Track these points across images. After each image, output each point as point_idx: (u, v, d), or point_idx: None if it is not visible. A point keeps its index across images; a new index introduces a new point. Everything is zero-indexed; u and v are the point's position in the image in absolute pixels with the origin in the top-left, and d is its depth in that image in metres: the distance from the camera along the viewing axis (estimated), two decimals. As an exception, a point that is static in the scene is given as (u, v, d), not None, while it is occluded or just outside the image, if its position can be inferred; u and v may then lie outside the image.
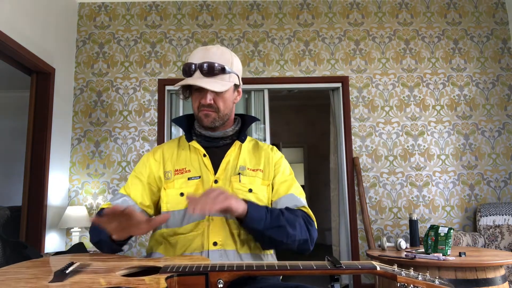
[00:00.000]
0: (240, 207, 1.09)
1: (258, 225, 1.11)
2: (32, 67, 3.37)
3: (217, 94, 1.26)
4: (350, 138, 3.93)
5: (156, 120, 3.93)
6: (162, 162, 1.33)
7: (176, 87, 1.30)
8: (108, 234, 1.11)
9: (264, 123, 4.06)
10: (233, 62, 1.30)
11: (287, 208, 1.25)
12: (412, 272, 0.82)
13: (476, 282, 2.27)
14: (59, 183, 3.67)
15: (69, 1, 3.97)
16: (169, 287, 0.84)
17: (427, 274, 0.80)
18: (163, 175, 1.31)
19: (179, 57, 4.04)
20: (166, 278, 0.84)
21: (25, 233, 3.30)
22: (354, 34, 4.12)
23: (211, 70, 1.23)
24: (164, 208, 1.27)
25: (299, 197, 1.32)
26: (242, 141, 1.36)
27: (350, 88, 4.02)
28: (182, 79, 1.29)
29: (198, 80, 1.23)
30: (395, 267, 0.85)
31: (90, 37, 4.08)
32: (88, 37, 4.08)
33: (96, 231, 1.21)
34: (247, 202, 1.13)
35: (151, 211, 1.33)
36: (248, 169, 1.31)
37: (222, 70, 1.24)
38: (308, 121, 7.65)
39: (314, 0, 4.18)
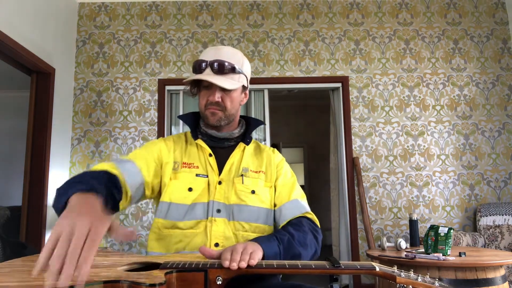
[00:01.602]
0: (261, 254, 1.03)
1: (274, 260, 1.08)
2: (32, 67, 3.37)
3: (225, 92, 1.26)
4: (350, 138, 3.93)
5: (156, 120, 3.93)
6: (173, 151, 1.32)
7: (185, 82, 1.28)
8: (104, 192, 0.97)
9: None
10: (244, 64, 1.31)
11: (291, 223, 1.24)
12: (412, 274, 0.82)
13: (476, 282, 2.27)
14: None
15: (69, 1, 3.97)
16: (168, 282, 0.84)
17: (427, 276, 0.80)
18: (172, 164, 1.29)
19: (179, 57, 4.04)
20: (165, 274, 0.85)
21: (25, 233, 3.30)
22: (354, 34, 4.12)
23: (222, 68, 1.23)
24: (166, 198, 1.24)
25: (302, 202, 1.32)
26: (247, 143, 1.36)
27: (350, 88, 4.02)
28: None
29: (208, 76, 1.23)
30: (395, 268, 0.85)
31: (90, 37, 4.08)
32: (88, 37, 4.08)
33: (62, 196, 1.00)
34: (259, 242, 1.07)
35: (148, 191, 1.26)
36: (250, 171, 1.31)
37: (232, 70, 1.25)
38: (308, 121, 7.65)
39: (314, 0, 4.18)
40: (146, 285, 0.76)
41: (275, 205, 1.32)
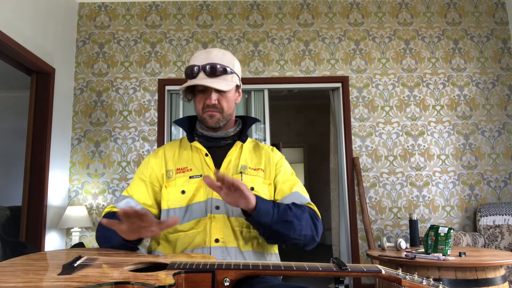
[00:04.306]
0: (252, 199, 1.10)
1: (266, 219, 1.12)
2: (32, 67, 3.36)
3: (221, 94, 1.28)
4: (350, 138, 3.93)
5: (156, 120, 3.93)
6: (164, 161, 1.35)
7: (180, 89, 1.31)
8: (120, 237, 1.10)
9: (264, 123, 4.06)
10: (235, 64, 1.33)
11: (293, 204, 1.26)
12: (416, 277, 0.82)
13: (476, 282, 2.27)
14: (59, 183, 3.67)
15: (69, 1, 3.97)
16: (176, 283, 0.85)
17: (431, 280, 0.80)
18: (165, 173, 1.32)
19: (179, 57, 4.04)
20: (174, 274, 0.85)
21: (25, 233, 3.30)
22: (354, 34, 4.12)
23: (214, 71, 1.25)
24: (164, 205, 1.28)
25: (304, 195, 1.33)
26: (243, 141, 1.37)
27: (350, 88, 4.02)
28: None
29: (202, 80, 1.25)
30: (400, 271, 0.85)
31: (90, 37, 4.07)
32: (88, 37, 4.07)
33: (106, 238, 1.20)
34: (256, 196, 1.13)
35: (154, 210, 1.33)
36: (249, 168, 1.32)
37: (225, 71, 1.27)
38: (308, 121, 7.65)
39: (314, 0, 4.18)
40: (155, 286, 0.76)
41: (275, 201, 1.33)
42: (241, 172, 1.30)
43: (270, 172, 1.34)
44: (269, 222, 1.12)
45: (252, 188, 1.28)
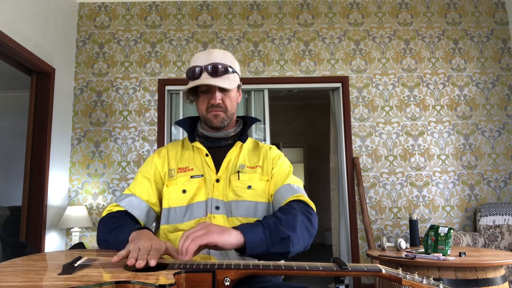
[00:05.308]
0: (232, 240, 1.00)
1: (261, 248, 1.05)
2: (32, 67, 3.37)
3: (224, 93, 1.29)
4: (350, 138, 3.93)
5: (156, 120, 3.93)
6: (167, 160, 1.36)
7: (183, 90, 1.31)
8: (122, 247, 1.03)
9: (264, 123, 4.06)
10: (235, 63, 1.35)
11: (281, 209, 1.21)
12: (416, 276, 0.82)
13: (476, 282, 2.27)
14: (59, 183, 3.67)
15: (69, 1, 3.97)
16: (177, 283, 0.85)
17: (431, 279, 0.80)
18: (167, 172, 1.33)
19: (179, 57, 4.04)
20: (174, 274, 0.85)
21: (25, 233, 3.30)
22: (354, 34, 4.12)
23: (217, 71, 1.26)
24: (165, 204, 1.29)
25: (295, 186, 1.30)
26: (243, 141, 1.38)
27: (350, 88, 4.02)
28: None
29: (206, 80, 1.25)
30: (400, 271, 0.85)
31: (90, 37, 4.07)
32: (88, 37, 4.08)
33: (107, 243, 1.17)
34: (240, 228, 1.05)
35: (157, 208, 1.33)
36: (247, 167, 1.33)
37: (227, 70, 1.28)
38: (308, 121, 7.65)
39: (314, 0, 4.18)
40: (156, 286, 0.76)
41: (271, 196, 1.32)
42: (238, 172, 1.31)
43: (268, 168, 1.35)
44: (265, 249, 1.05)
45: (250, 186, 1.28)
